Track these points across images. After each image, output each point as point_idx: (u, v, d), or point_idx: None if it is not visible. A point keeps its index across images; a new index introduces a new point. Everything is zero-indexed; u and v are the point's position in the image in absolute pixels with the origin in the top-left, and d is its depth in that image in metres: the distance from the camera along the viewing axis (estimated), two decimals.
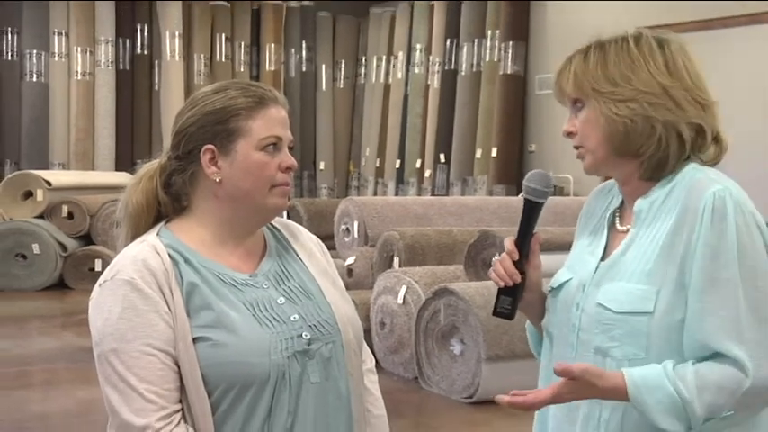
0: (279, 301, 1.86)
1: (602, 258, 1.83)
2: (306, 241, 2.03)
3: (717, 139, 1.80)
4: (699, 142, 1.78)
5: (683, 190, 1.74)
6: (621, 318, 1.72)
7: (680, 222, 1.71)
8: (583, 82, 1.79)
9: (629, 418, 1.72)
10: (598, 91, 1.77)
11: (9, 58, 13.32)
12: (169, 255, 1.82)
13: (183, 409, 1.76)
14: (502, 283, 1.85)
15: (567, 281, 1.87)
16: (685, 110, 1.76)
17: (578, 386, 1.65)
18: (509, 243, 1.87)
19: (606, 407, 1.74)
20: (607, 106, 1.76)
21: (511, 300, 1.86)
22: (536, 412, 1.93)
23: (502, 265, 1.85)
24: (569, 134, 1.84)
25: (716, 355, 1.66)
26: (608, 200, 1.92)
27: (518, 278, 1.85)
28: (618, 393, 1.65)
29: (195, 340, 1.76)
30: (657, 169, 1.78)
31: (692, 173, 1.76)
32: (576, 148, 1.84)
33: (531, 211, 1.88)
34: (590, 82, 1.78)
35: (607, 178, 1.91)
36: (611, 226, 1.87)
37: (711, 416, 1.64)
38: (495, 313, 1.87)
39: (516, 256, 1.85)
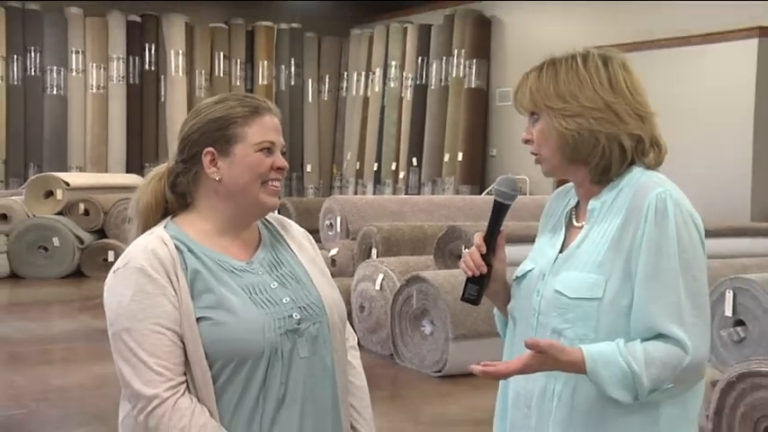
0: (272, 286, 1.86)
1: (561, 251, 1.83)
2: (296, 233, 2.02)
3: (657, 145, 1.81)
4: (639, 149, 1.78)
5: (630, 191, 1.74)
6: (575, 302, 1.72)
7: (627, 220, 1.72)
8: (537, 98, 1.79)
9: (579, 392, 1.73)
10: (550, 107, 1.77)
11: (32, 73, 13.25)
12: (175, 245, 1.81)
13: (187, 380, 1.75)
14: (470, 273, 1.84)
15: (530, 270, 1.86)
16: (626, 122, 1.76)
17: (544, 359, 1.65)
18: (478, 238, 1.86)
19: (560, 380, 1.75)
20: (558, 121, 1.76)
21: (477, 288, 1.85)
22: (500, 383, 1.93)
23: (471, 257, 1.84)
24: (527, 141, 1.84)
25: (659, 336, 1.66)
26: (566, 200, 1.92)
27: (485, 269, 1.84)
28: (577, 366, 1.65)
29: (198, 320, 1.75)
30: (603, 174, 1.78)
31: (638, 176, 1.76)
32: (534, 154, 1.84)
33: (500, 211, 1.87)
34: (543, 98, 1.78)
35: (561, 181, 1.92)
36: (569, 223, 1.87)
37: (655, 388, 1.65)
38: (464, 299, 1.86)
39: (484, 250, 1.84)
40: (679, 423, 1.75)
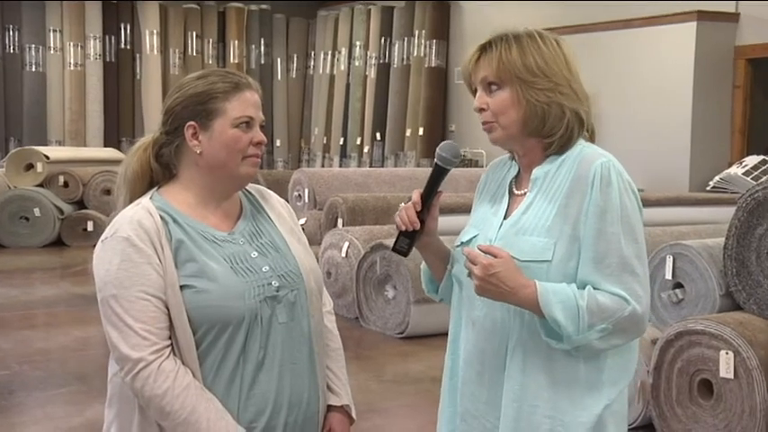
0: (252, 255, 1.85)
1: (505, 218, 1.83)
2: (275, 203, 2.01)
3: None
4: (588, 125, 1.81)
5: (575, 162, 1.75)
6: (525, 265, 1.71)
7: (573, 188, 1.73)
8: (506, 69, 1.76)
9: (533, 348, 1.74)
10: (521, 79, 1.75)
11: (11, 51, 13.02)
12: (160, 216, 1.80)
13: (172, 344, 1.75)
14: (404, 227, 1.84)
15: (475, 236, 1.86)
16: (581, 100, 1.78)
17: (505, 264, 1.68)
18: (416, 195, 1.86)
19: (512, 338, 1.76)
20: (529, 93, 1.75)
21: (408, 241, 1.85)
22: (449, 342, 1.93)
23: (406, 212, 1.84)
24: (481, 110, 1.81)
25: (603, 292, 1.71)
26: (504, 171, 1.91)
27: (418, 225, 1.84)
28: (529, 288, 1.68)
29: (182, 288, 1.75)
30: (564, 146, 1.79)
31: (580, 148, 1.78)
32: (486, 122, 1.80)
33: (439, 174, 1.87)
34: (513, 70, 1.75)
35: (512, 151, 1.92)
36: (511, 191, 1.87)
37: (593, 324, 1.67)
38: (394, 250, 1.86)
39: (419, 207, 1.84)
40: (619, 374, 1.78)
